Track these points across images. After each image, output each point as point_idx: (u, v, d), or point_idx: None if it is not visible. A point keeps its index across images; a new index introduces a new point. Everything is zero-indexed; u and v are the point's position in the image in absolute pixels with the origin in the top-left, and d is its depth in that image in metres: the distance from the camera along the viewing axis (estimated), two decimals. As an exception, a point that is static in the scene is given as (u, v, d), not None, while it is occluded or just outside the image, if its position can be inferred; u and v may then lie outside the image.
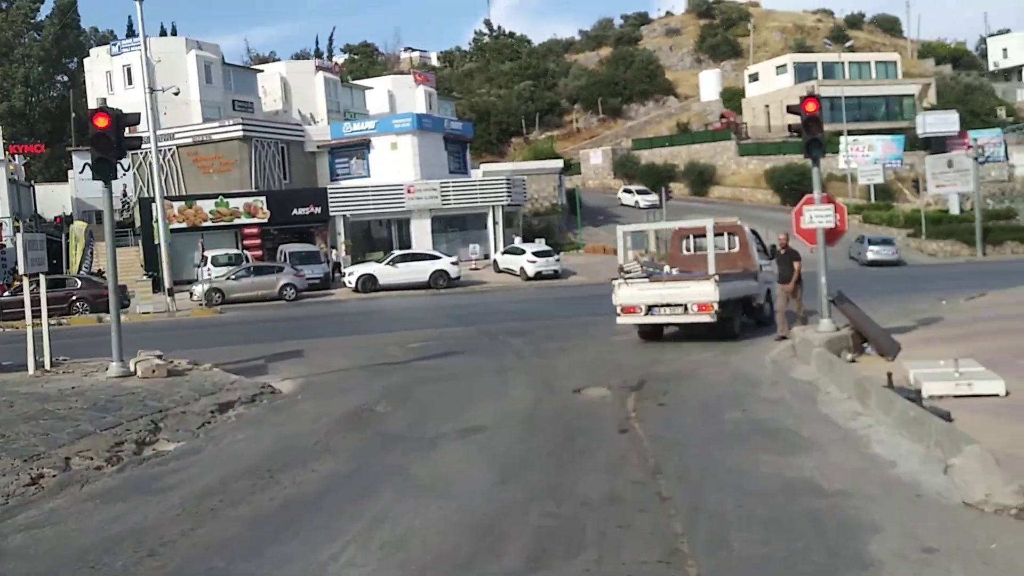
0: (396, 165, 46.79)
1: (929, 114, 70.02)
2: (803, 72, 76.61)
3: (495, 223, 46.95)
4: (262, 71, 58.00)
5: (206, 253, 39.50)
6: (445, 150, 49.70)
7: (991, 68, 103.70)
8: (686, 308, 15.78)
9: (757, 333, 16.96)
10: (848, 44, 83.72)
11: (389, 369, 14.74)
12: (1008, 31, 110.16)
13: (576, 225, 53.27)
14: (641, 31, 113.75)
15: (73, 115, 56.53)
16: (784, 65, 78.78)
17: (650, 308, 16.21)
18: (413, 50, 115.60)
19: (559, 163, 58.30)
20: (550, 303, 29.35)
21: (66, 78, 67.25)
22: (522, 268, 40.56)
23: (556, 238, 52.75)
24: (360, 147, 48.07)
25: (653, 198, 57.80)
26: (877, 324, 13.23)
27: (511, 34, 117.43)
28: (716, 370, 12.90)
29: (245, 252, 40.21)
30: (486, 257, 44.83)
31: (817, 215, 13.59)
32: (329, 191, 44.34)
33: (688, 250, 19.19)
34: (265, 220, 42.64)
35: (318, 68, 59.15)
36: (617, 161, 76.14)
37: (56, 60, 67.73)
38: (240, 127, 44.48)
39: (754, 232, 19.24)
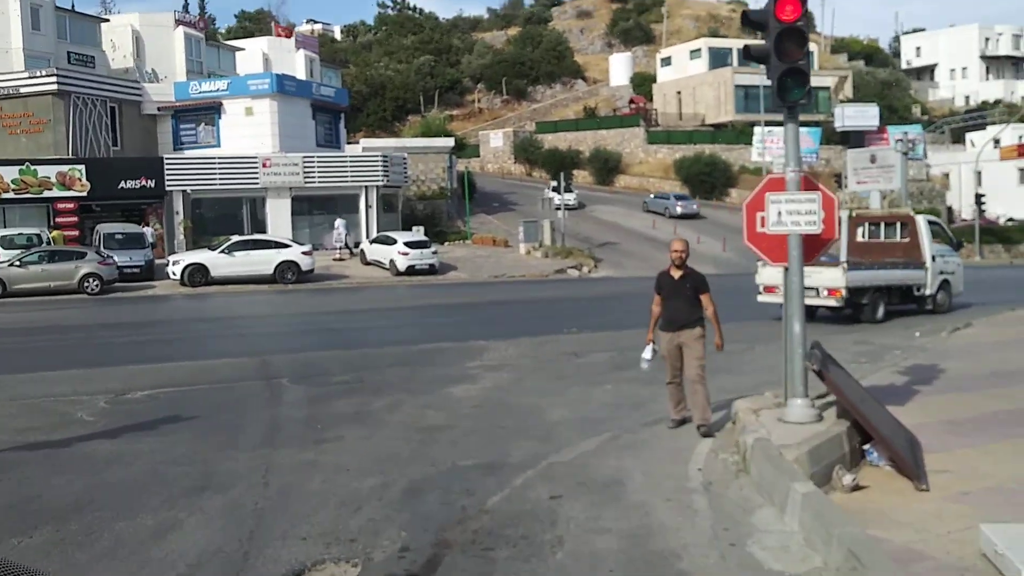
0: (251, 134, 39.76)
1: (848, 106, 66.10)
2: (718, 58, 71.98)
3: (368, 206, 40.43)
4: (107, 20, 49.99)
5: (3, 232, 32.22)
6: (313, 119, 42.84)
7: (904, 66, 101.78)
8: (818, 292, 17.42)
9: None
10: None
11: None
12: (923, 30, 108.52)
13: (466, 212, 47.13)
14: (552, 12, 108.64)
15: None
16: (699, 49, 74.08)
17: None
18: (315, 22, 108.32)
19: (449, 142, 51.96)
20: (404, 314, 23.13)
21: None
22: (392, 261, 34.24)
23: (442, 226, 46.62)
24: (209, 111, 40.83)
25: (572, 196, 50.43)
26: (883, 409, 7.51)
27: (415, 7, 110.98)
28: (595, 515, 6.37)
29: (45, 232, 32.84)
30: (356, 245, 38.29)
31: (794, 211, 7.63)
32: (166, 161, 37.11)
33: (863, 237, 20.37)
34: (84, 193, 35.25)
35: (178, 22, 51.35)
36: (518, 144, 70.37)
37: None
38: (55, 79, 36.77)
39: (935, 223, 20.97)
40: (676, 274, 8.72)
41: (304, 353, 14.88)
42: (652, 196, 55.75)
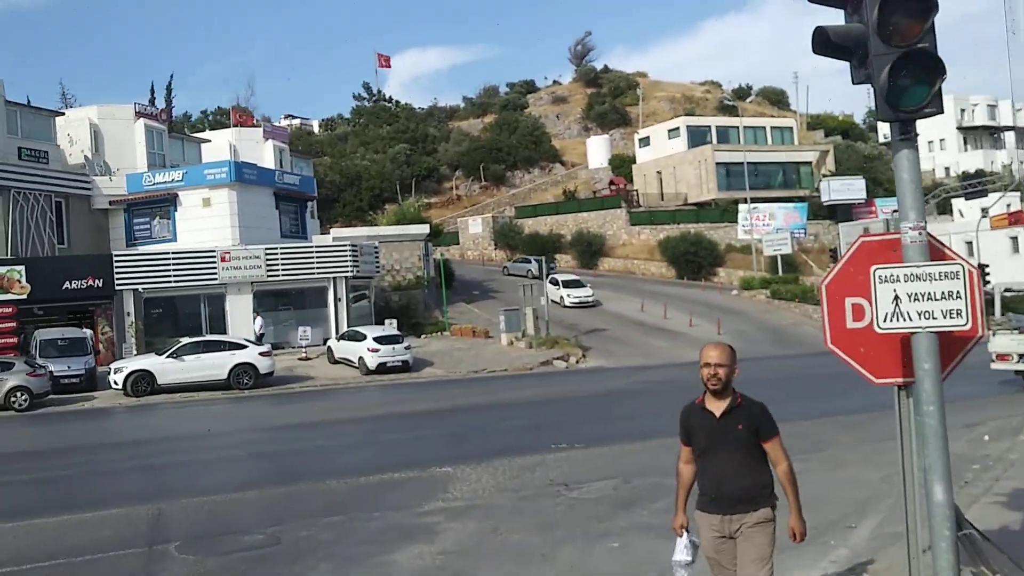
0: (210, 226, 37.12)
1: (834, 179, 64.44)
2: (697, 136, 70.55)
3: (337, 299, 37.64)
4: (63, 114, 47.68)
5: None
6: (276, 209, 40.32)
7: (881, 139, 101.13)
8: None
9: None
10: (739, 113, 78.54)
11: None
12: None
13: (443, 302, 44.38)
14: (527, 99, 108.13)
15: None
16: (677, 128, 72.69)
17: (1021, 356, 18.69)
18: (294, 117, 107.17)
19: (424, 228, 49.50)
20: (361, 427, 19.93)
21: None
22: (361, 359, 31.28)
23: (418, 317, 43.76)
24: (164, 203, 38.23)
25: (585, 293, 47.63)
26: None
27: (390, 98, 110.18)
28: None
29: (-29, 341, 29.81)
30: (325, 342, 35.36)
31: (924, 294, 4.52)
32: (115, 258, 34.28)
33: None
34: (24, 296, 32.30)
35: (138, 114, 49.12)
36: (498, 230, 68.27)
37: None
38: (-9, 174, 34.22)
39: None
40: (717, 408, 5.19)
41: (218, 496, 11.74)
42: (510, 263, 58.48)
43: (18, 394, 25.44)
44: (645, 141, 76.33)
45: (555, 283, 47.23)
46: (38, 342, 29.64)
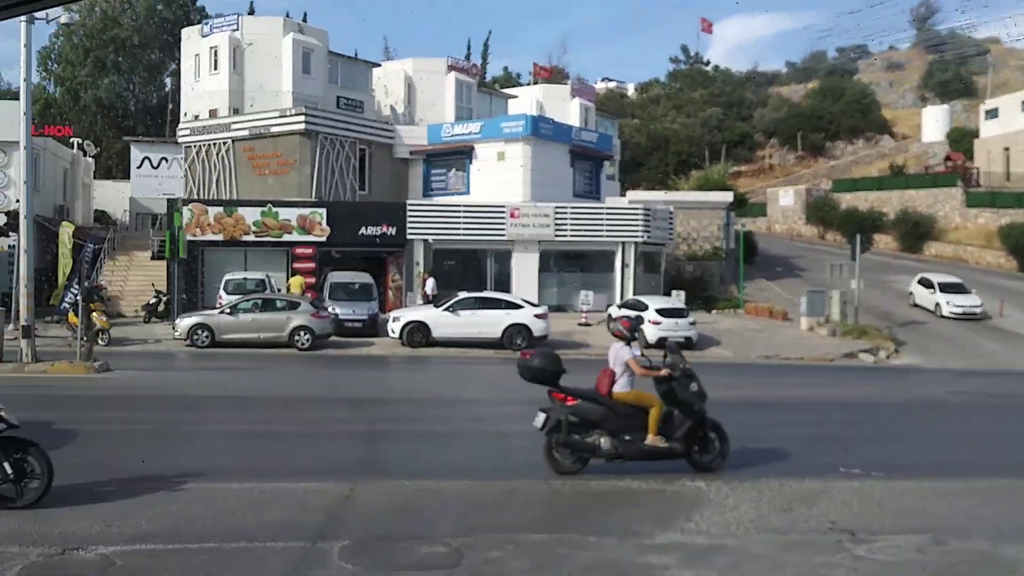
0: (502, 180, 36.41)
1: None
2: (1061, 109, 60.69)
3: (624, 265, 35.64)
4: (379, 66, 49.20)
5: (230, 276, 30.72)
6: (571, 167, 38.86)
7: None
8: None
9: None
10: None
11: None
12: None
13: (740, 277, 41.04)
14: (857, 65, 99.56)
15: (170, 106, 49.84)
16: (1033, 99, 62.99)
17: None
18: (610, 80, 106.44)
19: (727, 196, 46.04)
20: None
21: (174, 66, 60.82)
22: (641, 330, 29.07)
23: (712, 291, 40.84)
24: (460, 155, 38.01)
25: (971, 302, 36.95)
26: None
27: (707, 62, 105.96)
28: None
29: (269, 277, 30.88)
30: (607, 308, 33.56)
31: None
32: (408, 208, 34.43)
33: None
34: (323, 239, 33.26)
35: (450, 68, 49.72)
36: (811, 203, 63.10)
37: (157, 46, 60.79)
38: (303, 119, 35.36)
39: None
40: None
41: (421, 482, 10.00)
42: None
43: (301, 333, 25.92)
44: (992, 113, 66.96)
45: (927, 284, 38.73)
46: (329, 284, 30.33)
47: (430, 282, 32.91)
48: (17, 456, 8.50)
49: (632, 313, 28.24)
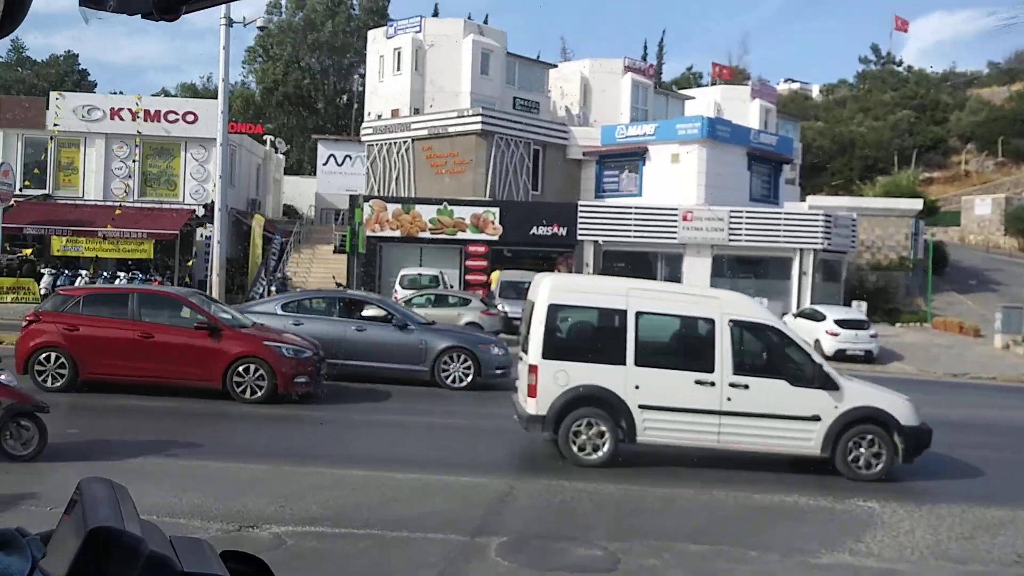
0: (675, 183, 35.87)
1: None
2: None
3: (802, 273, 34.42)
4: (555, 66, 49.50)
5: (406, 271, 31.68)
6: (749, 170, 37.83)
7: None
8: None
9: None
10: None
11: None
12: None
13: (928, 289, 38.82)
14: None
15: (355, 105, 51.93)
16: None
17: None
18: (793, 81, 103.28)
19: (916, 203, 43.64)
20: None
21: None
22: (816, 341, 27.97)
23: (896, 302, 38.86)
24: (634, 157, 37.68)
25: None
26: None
27: (900, 62, 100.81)
28: None
29: (442, 274, 31.58)
30: (782, 316, 32.48)
31: None
32: (580, 209, 34.46)
33: None
34: (495, 237, 33.82)
35: (627, 69, 49.51)
36: (1011, 213, 58.96)
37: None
38: (479, 120, 36.00)
39: None
40: None
41: (576, 483, 9.95)
42: None
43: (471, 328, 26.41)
44: None
45: None
46: (500, 283, 30.76)
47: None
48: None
49: (824, 324, 27.36)
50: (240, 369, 13.96)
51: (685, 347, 11.33)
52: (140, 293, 15.69)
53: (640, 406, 10.55)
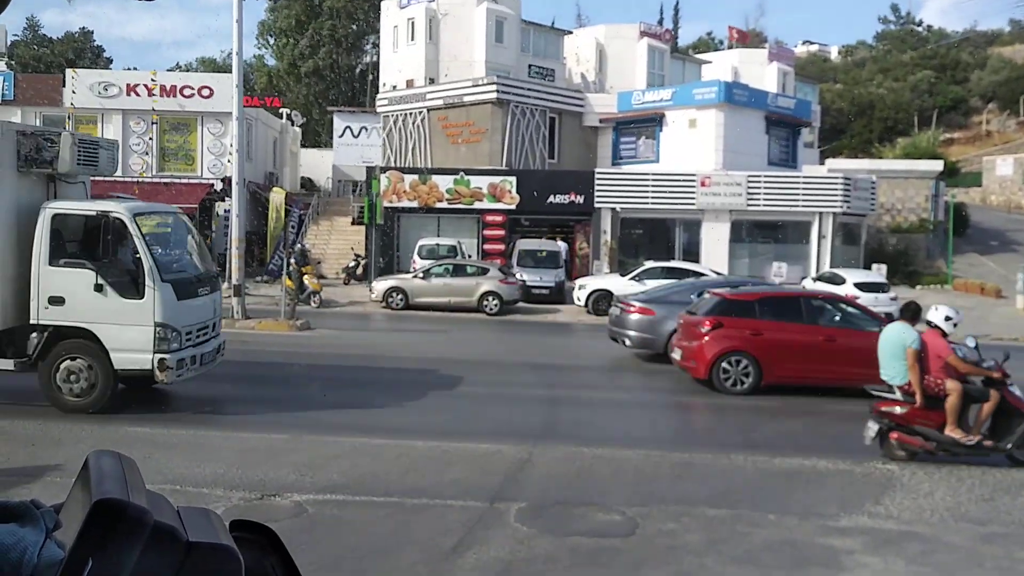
0: (693, 148, 35.62)
1: None
2: None
3: (822, 236, 34.21)
4: (570, 33, 49.06)
5: (424, 241, 31.73)
6: (766, 134, 37.51)
7: None
8: None
9: None
10: None
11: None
12: None
13: (948, 251, 38.49)
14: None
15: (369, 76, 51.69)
16: None
17: None
18: (811, 43, 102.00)
19: (936, 164, 43.15)
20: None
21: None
22: (836, 304, 27.83)
23: (917, 265, 38.57)
24: (650, 123, 37.43)
25: None
26: None
27: (920, 22, 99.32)
28: None
29: (460, 244, 31.58)
30: (801, 280, 32.35)
31: None
32: (597, 176, 34.31)
33: None
34: (513, 207, 33.75)
35: (642, 34, 49.01)
36: (1034, 172, 58.17)
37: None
38: (494, 88, 35.80)
39: None
40: None
41: (595, 449, 10.02)
42: None
43: (490, 298, 26.47)
44: None
45: None
46: (518, 251, 30.77)
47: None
48: None
49: (843, 288, 27.17)
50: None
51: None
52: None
53: None
